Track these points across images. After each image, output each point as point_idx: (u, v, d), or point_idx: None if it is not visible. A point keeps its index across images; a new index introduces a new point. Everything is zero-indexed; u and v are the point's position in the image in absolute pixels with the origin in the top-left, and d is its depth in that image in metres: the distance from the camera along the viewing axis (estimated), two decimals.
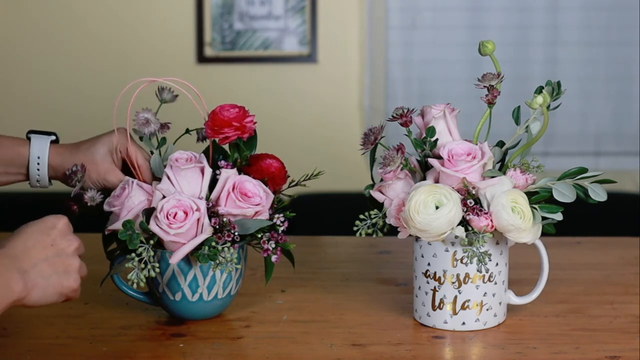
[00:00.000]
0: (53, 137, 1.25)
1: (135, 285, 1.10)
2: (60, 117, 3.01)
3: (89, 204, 1.17)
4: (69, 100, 3.03)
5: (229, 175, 1.17)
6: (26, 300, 0.93)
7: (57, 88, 3.04)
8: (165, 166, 1.19)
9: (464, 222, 1.12)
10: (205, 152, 1.21)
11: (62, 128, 3.09)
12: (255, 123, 1.19)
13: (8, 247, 0.94)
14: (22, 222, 0.99)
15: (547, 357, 1.09)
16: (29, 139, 1.24)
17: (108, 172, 1.22)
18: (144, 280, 1.10)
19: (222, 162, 1.19)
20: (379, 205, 1.19)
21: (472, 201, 1.12)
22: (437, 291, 1.17)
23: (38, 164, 1.23)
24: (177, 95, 1.23)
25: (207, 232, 1.12)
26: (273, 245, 1.17)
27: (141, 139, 1.22)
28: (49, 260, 0.95)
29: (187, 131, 1.23)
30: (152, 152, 1.22)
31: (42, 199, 2.84)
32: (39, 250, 0.95)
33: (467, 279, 1.16)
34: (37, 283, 0.94)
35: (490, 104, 1.18)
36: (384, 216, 1.18)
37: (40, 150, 1.23)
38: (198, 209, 1.12)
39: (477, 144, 1.17)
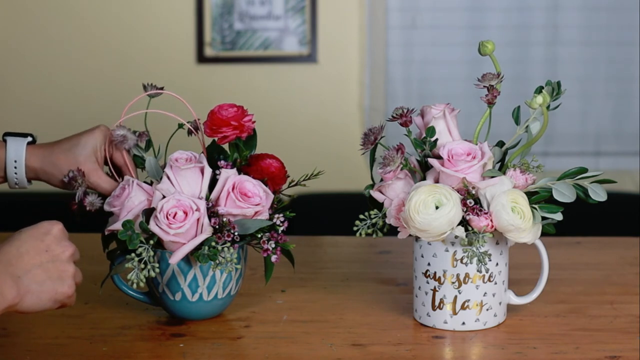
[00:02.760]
0: (29, 139, 1.23)
1: (135, 285, 1.10)
2: (59, 117, 3.01)
3: (88, 209, 1.17)
4: (69, 100, 3.03)
5: (228, 175, 1.17)
6: (19, 306, 0.92)
7: (57, 88, 3.04)
8: (162, 167, 1.20)
9: (464, 222, 1.12)
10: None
11: (62, 128, 3.10)
12: (253, 122, 1.19)
13: (1, 253, 0.93)
14: (22, 222, 0.98)
15: (547, 357, 1.09)
16: (5, 141, 1.22)
17: (91, 172, 1.20)
18: (144, 280, 1.10)
19: (222, 162, 1.19)
20: (379, 205, 1.19)
21: (472, 201, 1.12)
22: (437, 291, 1.17)
23: (15, 167, 1.21)
24: (162, 87, 1.23)
25: (207, 232, 1.12)
26: (273, 245, 1.17)
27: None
28: (43, 266, 0.94)
29: (180, 126, 1.22)
30: (143, 159, 1.22)
31: (42, 199, 2.84)
32: (33, 256, 0.94)
33: (467, 279, 1.16)
34: (31, 289, 0.93)
35: (490, 104, 1.18)
36: (384, 216, 1.18)
37: (16, 153, 1.21)
38: (198, 209, 1.12)
39: (477, 144, 1.17)
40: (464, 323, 1.17)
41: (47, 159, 1.22)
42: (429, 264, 1.17)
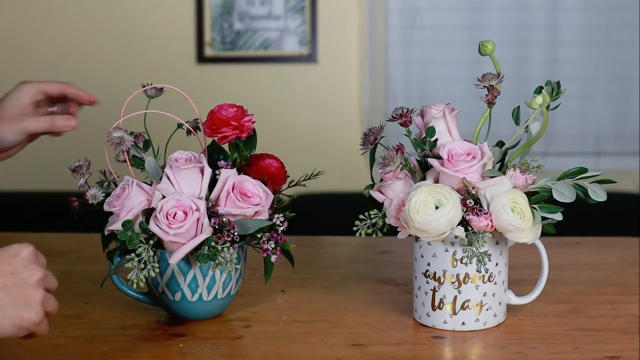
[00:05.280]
0: None
1: (135, 286, 1.10)
2: None
3: (90, 202, 1.18)
4: None
5: (228, 175, 1.17)
6: None
7: None
8: (161, 167, 1.20)
9: (464, 222, 1.12)
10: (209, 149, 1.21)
11: None
12: (253, 122, 1.19)
13: None
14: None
15: (547, 357, 1.09)
16: None
17: (21, 118, 1.24)
18: (144, 280, 1.10)
19: (222, 162, 1.19)
20: (379, 205, 1.19)
21: (472, 201, 1.12)
22: (437, 291, 1.17)
23: None
24: (162, 89, 1.23)
25: (207, 232, 1.12)
26: (273, 245, 1.17)
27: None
28: (7, 290, 0.89)
29: (180, 126, 1.22)
30: (142, 159, 1.22)
31: (41, 199, 2.84)
32: None
33: (466, 279, 1.16)
34: None
35: (490, 104, 1.18)
36: (384, 216, 1.18)
37: None
38: (198, 209, 1.12)
39: (477, 144, 1.17)
40: (463, 323, 1.17)
41: None
42: (428, 264, 1.17)
